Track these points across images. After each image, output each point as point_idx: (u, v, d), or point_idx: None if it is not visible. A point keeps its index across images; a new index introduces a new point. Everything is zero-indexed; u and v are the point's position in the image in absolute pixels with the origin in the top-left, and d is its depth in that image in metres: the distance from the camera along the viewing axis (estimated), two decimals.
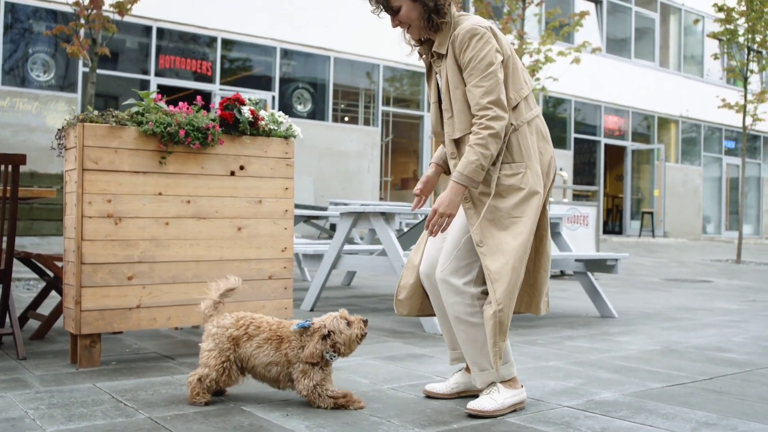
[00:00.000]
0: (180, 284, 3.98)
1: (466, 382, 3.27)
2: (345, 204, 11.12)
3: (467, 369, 3.29)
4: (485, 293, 3.05)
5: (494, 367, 2.96)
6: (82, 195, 3.71)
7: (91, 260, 3.73)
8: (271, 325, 3.12)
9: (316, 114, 16.58)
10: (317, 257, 6.51)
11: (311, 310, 6.20)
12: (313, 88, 16.73)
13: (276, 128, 4.33)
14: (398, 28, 3.16)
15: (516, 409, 3.06)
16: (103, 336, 4.48)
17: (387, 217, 5.63)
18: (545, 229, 3.16)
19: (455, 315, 3.04)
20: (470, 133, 2.97)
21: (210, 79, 15.05)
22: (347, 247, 6.61)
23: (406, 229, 6.71)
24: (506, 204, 2.99)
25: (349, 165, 16.98)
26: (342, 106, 17.49)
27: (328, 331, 3.02)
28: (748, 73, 16.61)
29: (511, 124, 3.03)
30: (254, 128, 4.23)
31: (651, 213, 22.46)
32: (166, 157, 3.94)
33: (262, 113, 4.29)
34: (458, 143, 3.05)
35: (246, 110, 4.17)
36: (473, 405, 2.96)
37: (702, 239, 24.15)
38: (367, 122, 17.81)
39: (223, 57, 15.33)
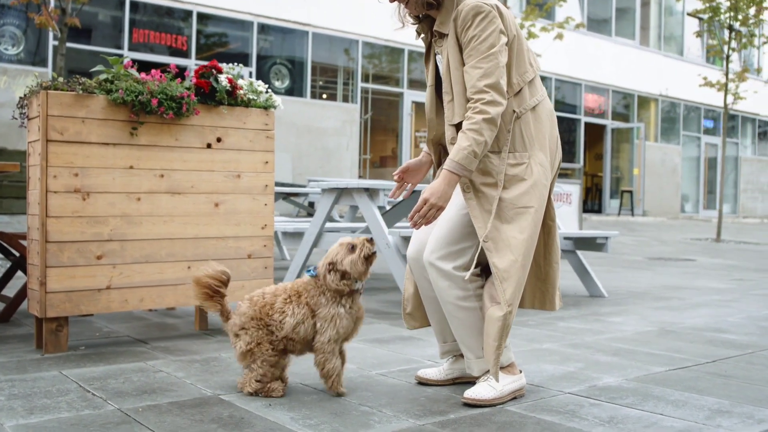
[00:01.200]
0: (153, 264, 3.73)
1: (461, 368, 3.06)
2: (324, 182, 10.86)
3: (461, 355, 3.08)
4: (477, 275, 2.83)
5: (492, 371, 2.74)
6: (46, 168, 3.45)
7: (56, 238, 3.47)
8: (286, 287, 2.89)
9: (294, 90, 16.26)
10: (297, 235, 6.27)
11: None
12: (291, 64, 16.40)
13: (255, 98, 4.07)
14: (393, 3, 2.92)
15: (516, 396, 2.85)
16: (72, 319, 4.23)
17: (371, 193, 5.40)
18: (552, 220, 2.95)
19: (447, 300, 2.82)
20: None
21: (185, 54, 14.66)
22: (328, 224, 6.37)
23: (389, 207, 6.49)
24: (509, 195, 2.76)
25: (327, 142, 16.69)
26: (320, 82, 17.18)
27: (330, 263, 2.81)
28: (730, 52, 16.52)
29: (514, 111, 2.80)
30: (232, 98, 3.97)
31: (630, 192, 22.40)
32: (138, 128, 3.68)
33: (240, 82, 4.03)
34: (459, 128, 2.79)
35: (223, 78, 3.91)
36: (471, 393, 2.75)
37: (680, 218, 24.18)
38: (345, 99, 17.51)
39: (198, 32, 14.94)
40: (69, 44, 11.77)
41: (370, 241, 2.83)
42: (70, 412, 2.57)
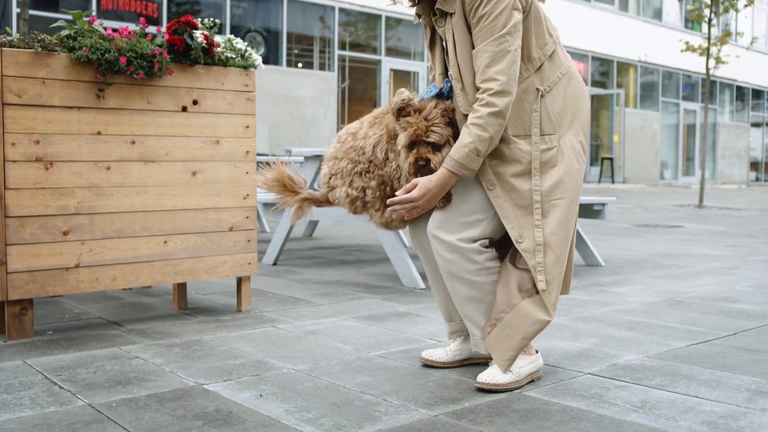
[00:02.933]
0: (126, 239, 3.40)
1: (470, 348, 2.77)
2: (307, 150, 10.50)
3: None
4: (485, 246, 2.53)
5: (503, 365, 2.47)
6: (3, 135, 3.09)
7: (17, 213, 3.13)
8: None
9: (270, 59, 15.80)
10: None
11: (274, 264, 5.66)
12: (266, 31, 15.93)
13: (234, 56, 3.73)
14: None
15: (533, 379, 2.58)
16: (38, 300, 3.90)
17: None
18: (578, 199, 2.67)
19: (453, 273, 2.51)
20: None
21: (156, 23, 14.14)
22: None
23: None
24: (542, 187, 2.47)
25: (304, 112, 16.29)
26: (296, 51, 16.73)
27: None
28: (712, 15, 16.27)
29: (537, 89, 2.48)
30: (209, 56, 3.63)
31: (611, 159, 22.23)
32: (105, 90, 3.33)
33: (217, 39, 3.69)
34: None
35: (199, 35, 3.56)
36: (485, 378, 2.47)
37: (660, 185, 24.11)
38: (322, 67, 17.09)
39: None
40: (35, 12, 11.29)
41: (432, 146, 2.50)
42: (33, 409, 2.26)
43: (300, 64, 16.77)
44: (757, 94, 30.45)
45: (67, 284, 3.27)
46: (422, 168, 2.48)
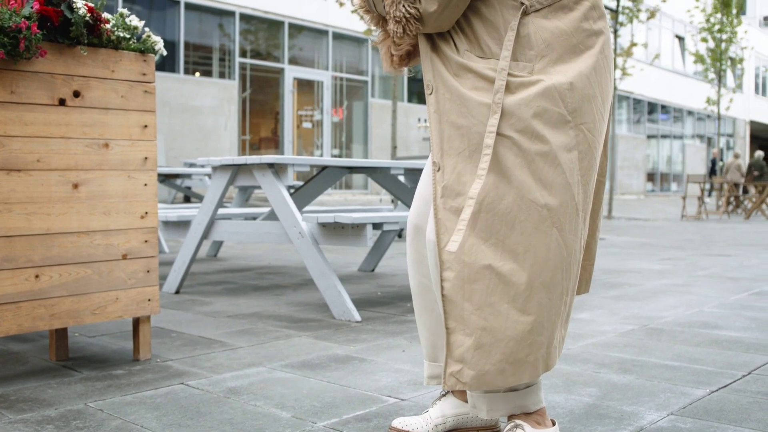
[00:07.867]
0: None
1: (458, 413, 2.07)
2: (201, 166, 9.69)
3: (456, 393, 2.10)
4: None
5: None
6: None
7: None
8: None
9: (165, 65, 14.79)
10: (182, 225, 5.13)
11: (176, 292, 4.84)
12: (162, 36, 14.93)
13: (128, 37, 2.93)
14: None
15: None
16: None
17: (277, 169, 4.33)
18: (603, 176, 2.01)
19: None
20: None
21: None
22: (220, 211, 5.26)
23: (300, 183, 5.39)
24: (500, 129, 1.76)
25: (204, 122, 15.34)
26: (194, 59, 15.76)
27: None
28: (618, 26, 16.32)
29: (522, 3, 1.81)
30: (94, 35, 2.82)
31: None
32: None
33: (106, 15, 2.89)
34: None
35: (81, 6, 2.76)
36: None
37: None
38: (222, 75, 16.17)
39: None
40: None
41: None
42: None
43: (198, 73, 15.81)
44: (652, 107, 31.19)
45: None
46: None
